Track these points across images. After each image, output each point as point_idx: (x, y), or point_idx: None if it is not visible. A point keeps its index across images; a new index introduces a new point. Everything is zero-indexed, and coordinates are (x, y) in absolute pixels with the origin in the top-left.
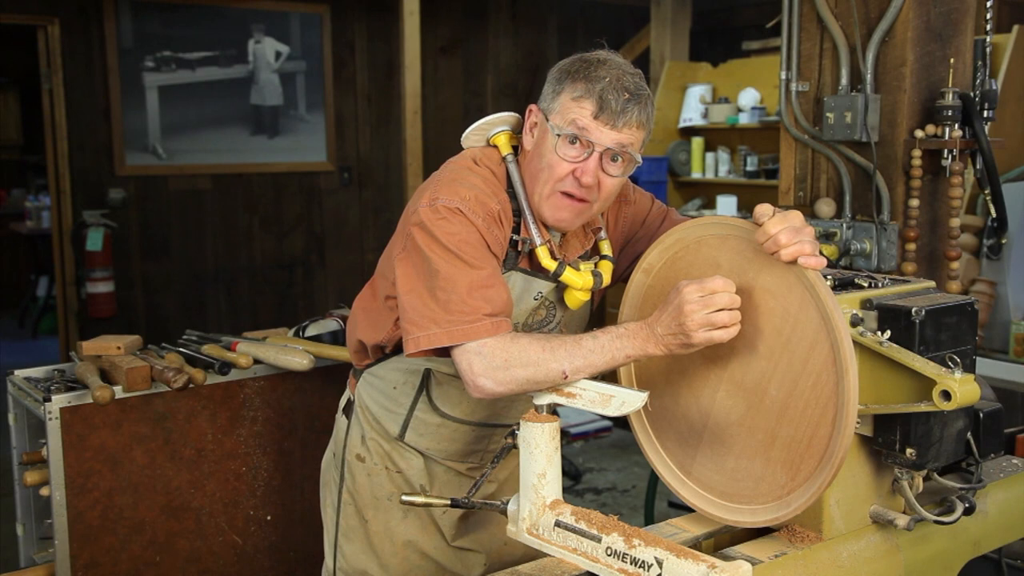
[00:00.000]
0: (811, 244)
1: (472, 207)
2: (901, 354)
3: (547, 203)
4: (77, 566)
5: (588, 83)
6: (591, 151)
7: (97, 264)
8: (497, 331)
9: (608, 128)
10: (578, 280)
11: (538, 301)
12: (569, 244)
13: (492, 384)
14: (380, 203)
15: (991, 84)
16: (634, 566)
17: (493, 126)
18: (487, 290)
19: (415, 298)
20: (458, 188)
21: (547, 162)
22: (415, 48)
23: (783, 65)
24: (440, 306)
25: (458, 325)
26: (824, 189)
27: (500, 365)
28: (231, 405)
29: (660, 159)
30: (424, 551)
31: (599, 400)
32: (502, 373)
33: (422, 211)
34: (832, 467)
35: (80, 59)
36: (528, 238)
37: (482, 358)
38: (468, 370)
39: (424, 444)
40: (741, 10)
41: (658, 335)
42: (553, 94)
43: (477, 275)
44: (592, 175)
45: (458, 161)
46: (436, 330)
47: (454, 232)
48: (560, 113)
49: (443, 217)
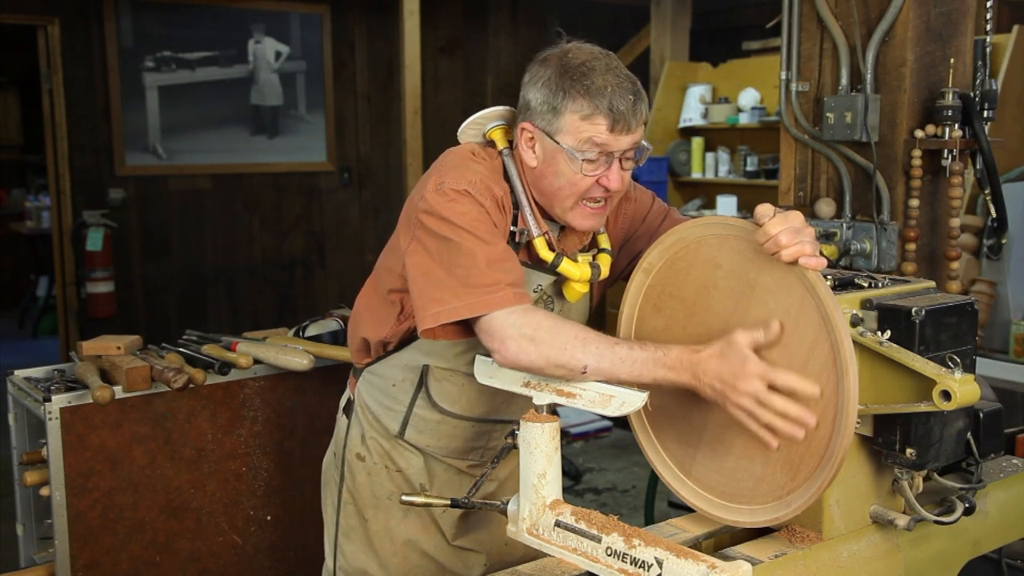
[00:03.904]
0: (812, 245)
1: (479, 189)
2: (901, 354)
3: (572, 214)
4: (77, 566)
5: (592, 98)
6: (612, 160)
7: (97, 264)
8: (520, 301)
9: (625, 135)
10: (576, 272)
11: (537, 294)
12: (568, 238)
13: (516, 350)
14: (380, 203)
15: (991, 84)
16: (634, 566)
17: (489, 120)
18: (504, 263)
19: (431, 279)
20: (463, 172)
21: (568, 180)
22: (415, 48)
23: (783, 65)
24: (459, 281)
25: (479, 296)
26: (824, 189)
27: (528, 335)
28: (231, 405)
29: (660, 159)
30: (424, 550)
31: (599, 400)
32: (527, 343)
33: (429, 196)
34: (832, 467)
35: (80, 59)
36: (525, 229)
37: (512, 324)
38: (499, 331)
39: (424, 441)
40: (741, 10)
41: (699, 374)
42: (551, 113)
43: (492, 249)
44: (618, 179)
45: (458, 151)
46: (457, 303)
47: (464, 211)
48: (571, 134)
49: (452, 199)
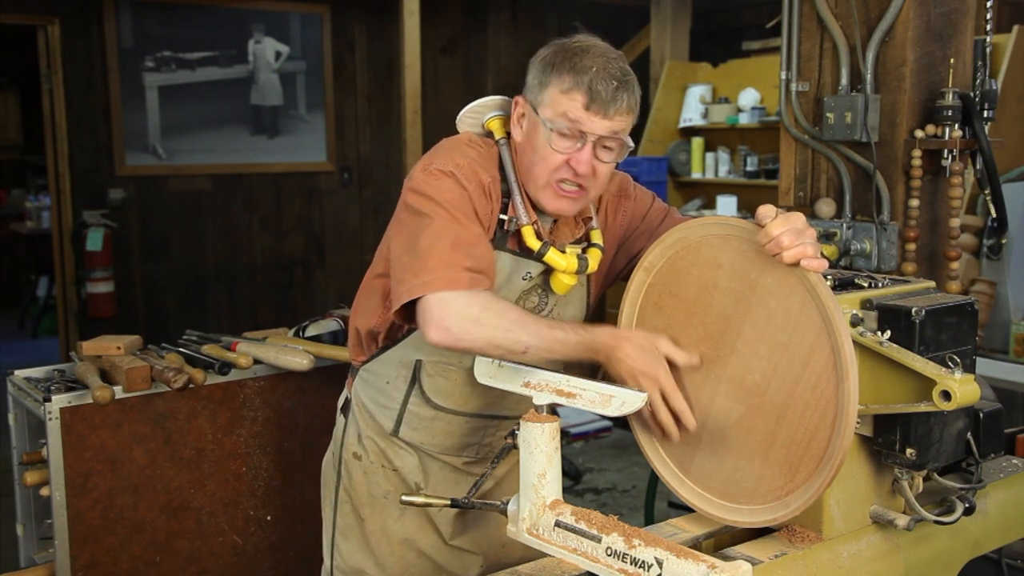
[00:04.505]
0: (813, 247)
1: (465, 173)
2: (901, 354)
3: (544, 193)
4: (77, 566)
5: (575, 74)
6: (584, 141)
7: (97, 264)
8: (473, 286)
9: (600, 117)
10: (562, 262)
11: (527, 281)
12: (560, 231)
13: (456, 331)
14: (380, 203)
15: (991, 84)
16: (634, 566)
17: (488, 109)
18: (472, 248)
19: (402, 256)
20: (453, 156)
21: (541, 155)
22: (415, 48)
23: (783, 65)
24: (420, 259)
25: (435, 273)
26: (824, 189)
27: (473, 317)
28: (231, 405)
29: (660, 159)
30: (421, 550)
31: (599, 400)
32: (470, 324)
33: (416, 175)
34: (831, 469)
35: (80, 59)
36: (515, 217)
37: (457, 304)
38: (439, 310)
39: (418, 439)
40: (741, 10)
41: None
42: (539, 86)
43: (464, 232)
44: (587, 164)
45: (454, 138)
46: (415, 282)
47: (446, 189)
48: (550, 106)
49: (437, 178)
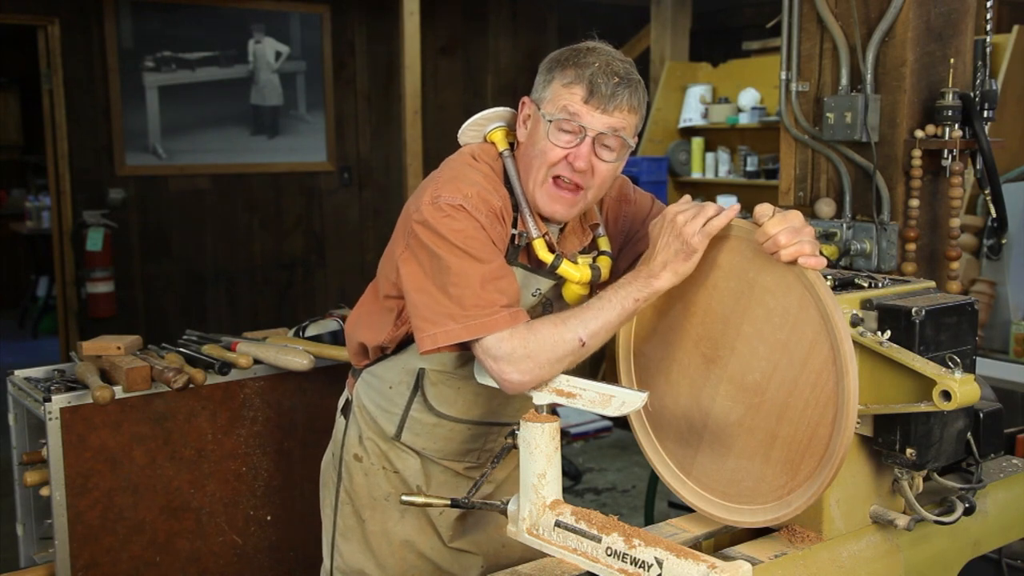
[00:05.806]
0: (811, 244)
1: (475, 203)
2: (901, 354)
3: (541, 191)
4: (77, 566)
5: (578, 69)
6: (583, 136)
7: (97, 264)
8: (515, 321)
9: (599, 112)
10: (575, 273)
11: (536, 298)
12: (567, 240)
13: (519, 376)
14: (380, 203)
15: (991, 84)
16: (634, 566)
17: (490, 121)
18: (499, 281)
19: (426, 296)
20: (460, 185)
21: (540, 149)
22: (415, 48)
23: (783, 65)
24: (455, 302)
25: (476, 319)
26: (824, 189)
27: (523, 356)
28: (231, 405)
29: (660, 159)
30: (421, 551)
31: (599, 400)
32: (527, 363)
33: (425, 209)
34: (832, 467)
35: (80, 59)
36: (525, 231)
37: (505, 355)
38: (495, 368)
39: (420, 444)
40: (741, 10)
41: (659, 264)
42: (544, 83)
43: (487, 268)
44: (585, 160)
45: (457, 159)
46: (454, 326)
47: (459, 228)
48: (551, 101)
49: (447, 215)
